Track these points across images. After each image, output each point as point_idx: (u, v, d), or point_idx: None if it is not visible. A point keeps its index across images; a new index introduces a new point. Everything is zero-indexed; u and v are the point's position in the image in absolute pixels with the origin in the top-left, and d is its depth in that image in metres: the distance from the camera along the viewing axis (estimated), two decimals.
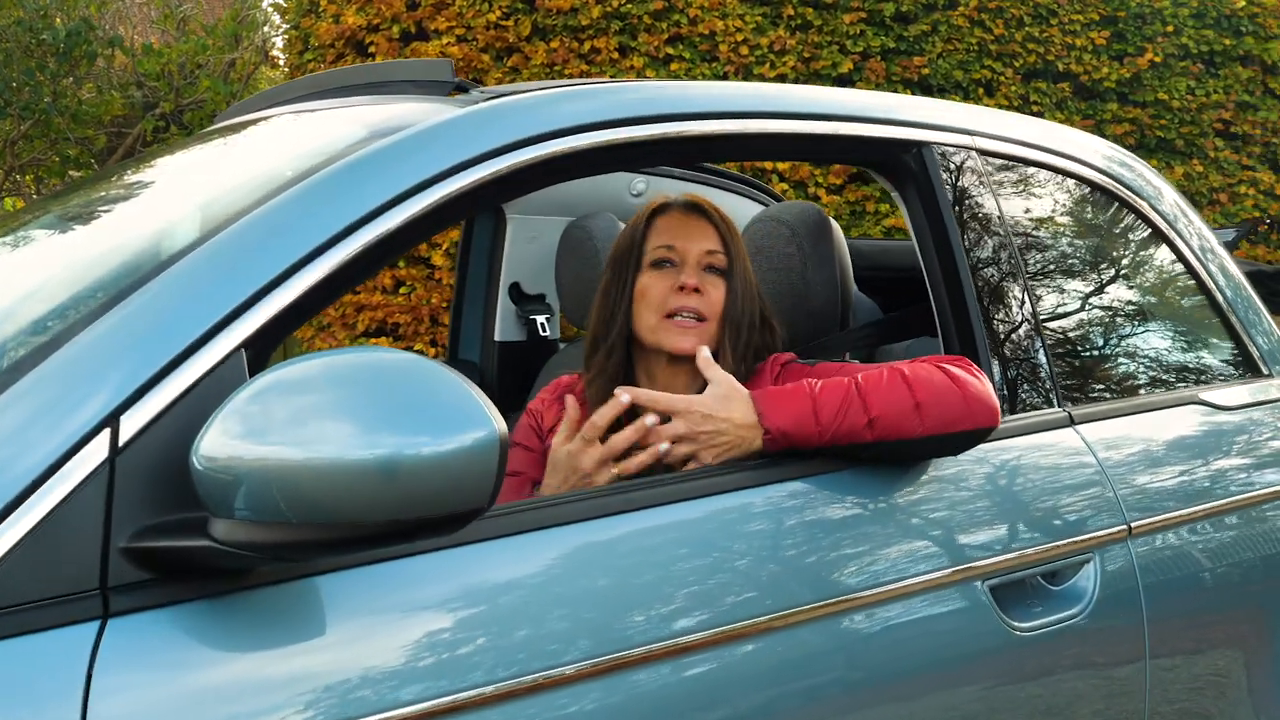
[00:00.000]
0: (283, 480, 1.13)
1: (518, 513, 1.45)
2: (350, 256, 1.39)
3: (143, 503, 1.21)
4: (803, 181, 6.61)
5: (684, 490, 1.58)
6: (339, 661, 1.26)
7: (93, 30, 8.04)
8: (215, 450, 1.16)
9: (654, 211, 2.02)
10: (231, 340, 1.29)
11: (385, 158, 1.47)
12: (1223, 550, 2.08)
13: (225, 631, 1.23)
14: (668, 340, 1.93)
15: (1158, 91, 7.41)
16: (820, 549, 1.62)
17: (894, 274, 3.07)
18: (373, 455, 1.13)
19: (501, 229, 2.89)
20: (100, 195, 2.03)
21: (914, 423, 1.68)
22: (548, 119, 1.61)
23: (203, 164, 1.96)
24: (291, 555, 1.18)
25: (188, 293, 1.31)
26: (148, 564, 1.20)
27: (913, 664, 1.67)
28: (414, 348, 6.24)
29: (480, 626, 1.34)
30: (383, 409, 1.16)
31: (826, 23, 6.78)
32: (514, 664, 1.34)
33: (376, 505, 1.14)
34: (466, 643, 1.33)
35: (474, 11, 6.31)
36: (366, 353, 1.22)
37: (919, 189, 1.98)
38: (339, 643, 1.27)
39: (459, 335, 2.98)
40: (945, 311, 1.97)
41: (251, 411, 1.17)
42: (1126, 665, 1.90)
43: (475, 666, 1.32)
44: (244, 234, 1.37)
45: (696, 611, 1.47)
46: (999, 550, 1.78)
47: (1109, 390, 2.19)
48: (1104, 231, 2.37)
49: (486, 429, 1.17)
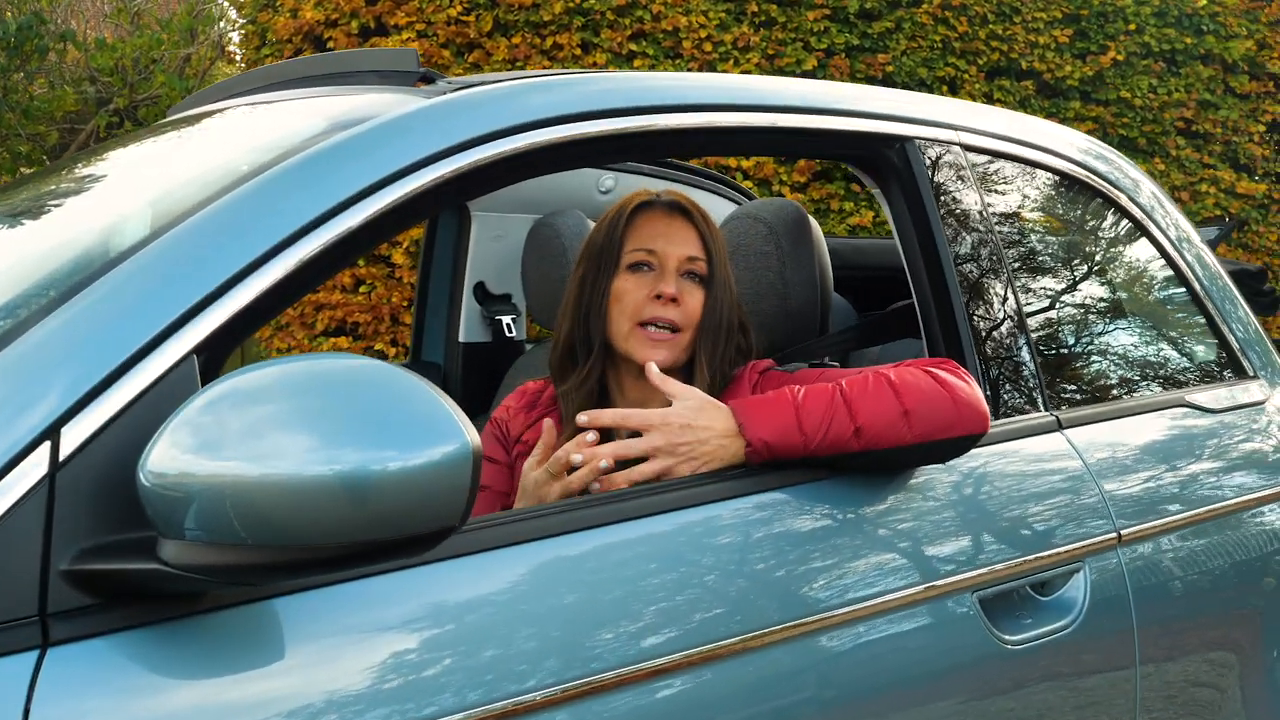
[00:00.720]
0: (238, 498, 1.05)
1: (482, 529, 1.38)
2: (310, 256, 1.30)
3: (85, 522, 1.12)
4: (767, 179, 6.55)
5: (652, 504, 1.51)
6: (299, 687, 1.18)
7: (44, 24, 7.87)
8: (164, 465, 1.07)
9: (635, 209, 1.91)
10: (182, 346, 1.20)
11: (347, 151, 1.38)
12: (1215, 556, 2.03)
13: (176, 659, 1.14)
14: (637, 350, 1.83)
15: (1120, 90, 7.41)
16: (801, 561, 1.55)
17: (868, 272, 3.02)
18: (335, 471, 1.05)
19: (466, 227, 2.80)
20: (48, 190, 1.93)
21: (902, 430, 1.60)
22: (519, 110, 1.53)
23: (156, 157, 1.86)
24: (247, 579, 1.10)
25: (136, 295, 1.22)
26: (91, 588, 1.11)
27: (902, 679, 1.61)
28: (374, 347, 6.14)
29: (447, 646, 1.28)
30: (346, 420, 1.08)
31: (791, 19, 6.73)
32: (481, 685, 1.27)
33: (339, 525, 1.06)
34: (433, 664, 1.26)
35: (434, 7, 6.22)
36: (329, 359, 1.13)
37: (902, 185, 1.91)
38: (298, 667, 1.19)
39: (422, 336, 2.90)
40: (929, 312, 1.90)
41: (204, 423, 1.08)
42: (1117, 676, 1.85)
43: (443, 688, 1.25)
44: (196, 232, 1.28)
45: (666, 629, 1.41)
46: (987, 561, 1.71)
47: (1096, 392, 2.14)
48: (1086, 227, 2.32)
49: (458, 442, 1.09)
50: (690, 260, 1.87)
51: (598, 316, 1.87)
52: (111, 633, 1.12)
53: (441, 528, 1.09)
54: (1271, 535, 2.15)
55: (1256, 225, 7.71)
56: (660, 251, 1.87)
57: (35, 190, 1.94)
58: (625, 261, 1.87)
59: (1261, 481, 2.17)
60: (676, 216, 1.90)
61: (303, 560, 1.07)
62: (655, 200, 1.92)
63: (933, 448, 1.64)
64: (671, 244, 1.87)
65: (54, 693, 1.07)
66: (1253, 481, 2.16)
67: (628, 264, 1.87)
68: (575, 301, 1.90)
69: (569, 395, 1.88)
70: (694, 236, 1.88)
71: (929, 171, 1.93)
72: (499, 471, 1.93)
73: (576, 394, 1.87)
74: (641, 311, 1.84)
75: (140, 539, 1.11)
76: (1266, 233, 7.73)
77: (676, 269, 1.86)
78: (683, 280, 1.86)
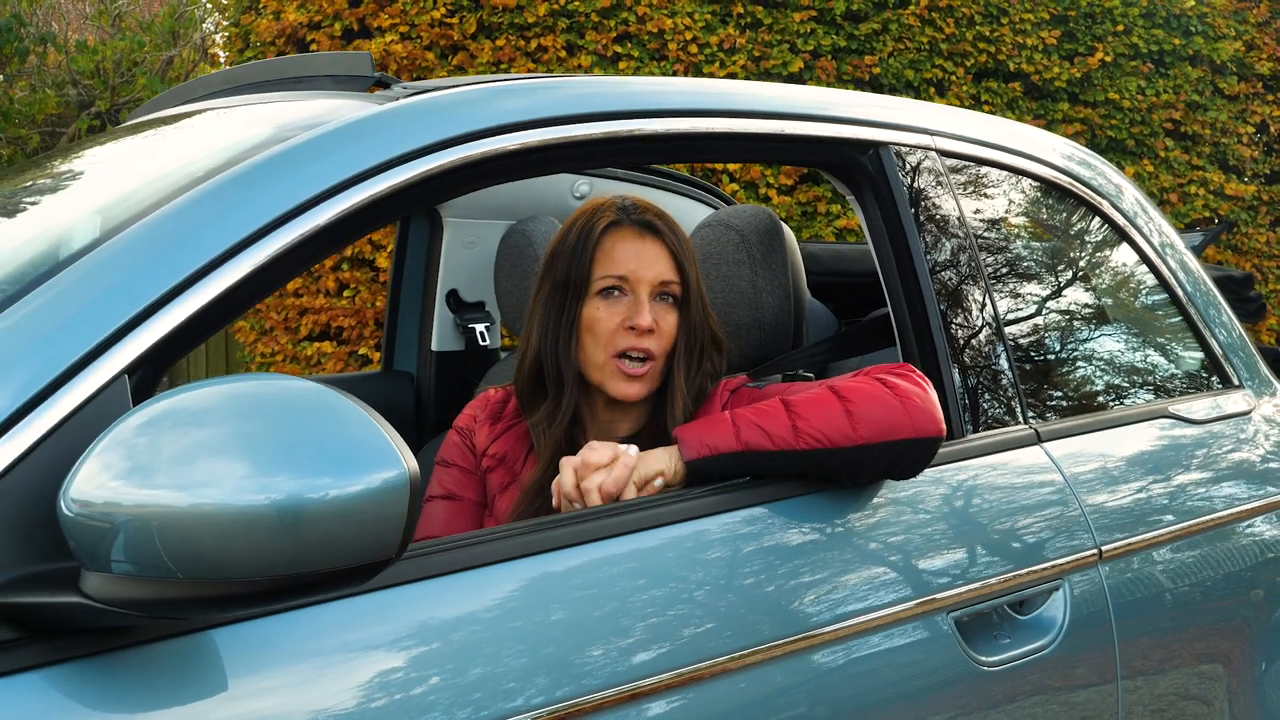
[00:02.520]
0: (166, 530, 1.00)
1: (469, 546, 1.36)
2: (249, 271, 1.25)
3: (7, 552, 1.06)
4: (754, 182, 6.51)
5: (640, 520, 1.49)
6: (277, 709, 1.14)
7: (24, 27, 7.79)
8: (89, 494, 1.02)
9: (604, 230, 1.81)
10: (113, 365, 1.15)
11: (289, 161, 1.33)
12: (1199, 570, 1.98)
13: (112, 693, 1.09)
14: (612, 386, 1.78)
15: (1108, 91, 7.38)
16: (778, 578, 1.52)
17: (849, 279, 2.96)
18: (268, 500, 1.00)
19: (438, 234, 2.75)
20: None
21: (846, 428, 1.57)
22: (477, 116, 1.48)
23: (101, 165, 1.81)
24: (176, 613, 1.05)
25: (63, 310, 1.17)
26: (14, 622, 1.06)
27: (888, 697, 1.58)
28: (359, 351, 6.10)
29: (434, 665, 1.25)
30: (283, 446, 1.03)
31: (777, 21, 6.69)
32: (469, 704, 1.25)
33: (272, 558, 1.01)
34: (420, 682, 1.24)
35: (418, 8, 6.17)
36: (270, 381, 1.08)
37: (876, 192, 1.86)
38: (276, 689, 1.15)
39: (394, 345, 2.85)
40: (904, 322, 1.86)
41: (138, 444, 1.03)
42: (1099, 693, 1.80)
43: (431, 707, 1.23)
44: (130, 245, 1.23)
45: (656, 645, 1.40)
46: (964, 580, 1.67)
47: (1076, 404, 2.09)
48: (1068, 233, 2.28)
49: (396, 469, 1.04)
50: (664, 284, 1.81)
51: (567, 347, 1.80)
52: (38, 667, 1.07)
53: (378, 559, 1.04)
54: (1257, 548, 2.10)
55: (1246, 227, 7.68)
56: (632, 276, 1.79)
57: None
58: (595, 288, 1.80)
59: (1246, 494, 2.12)
60: (648, 237, 1.81)
61: (233, 594, 1.02)
62: (624, 219, 1.83)
63: (887, 449, 1.58)
64: (644, 267, 1.79)
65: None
66: (1237, 493, 2.11)
67: (598, 289, 1.80)
68: (541, 325, 1.83)
69: (540, 427, 1.83)
70: (666, 256, 1.81)
71: (904, 178, 1.88)
72: (470, 481, 1.89)
73: (548, 428, 1.82)
74: (616, 343, 1.78)
75: (65, 570, 1.06)
76: (1256, 234, 7.71)
77: (650, 294, 1.80)
78: (656, 304, 1.80)
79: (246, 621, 1.17)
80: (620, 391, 1.78)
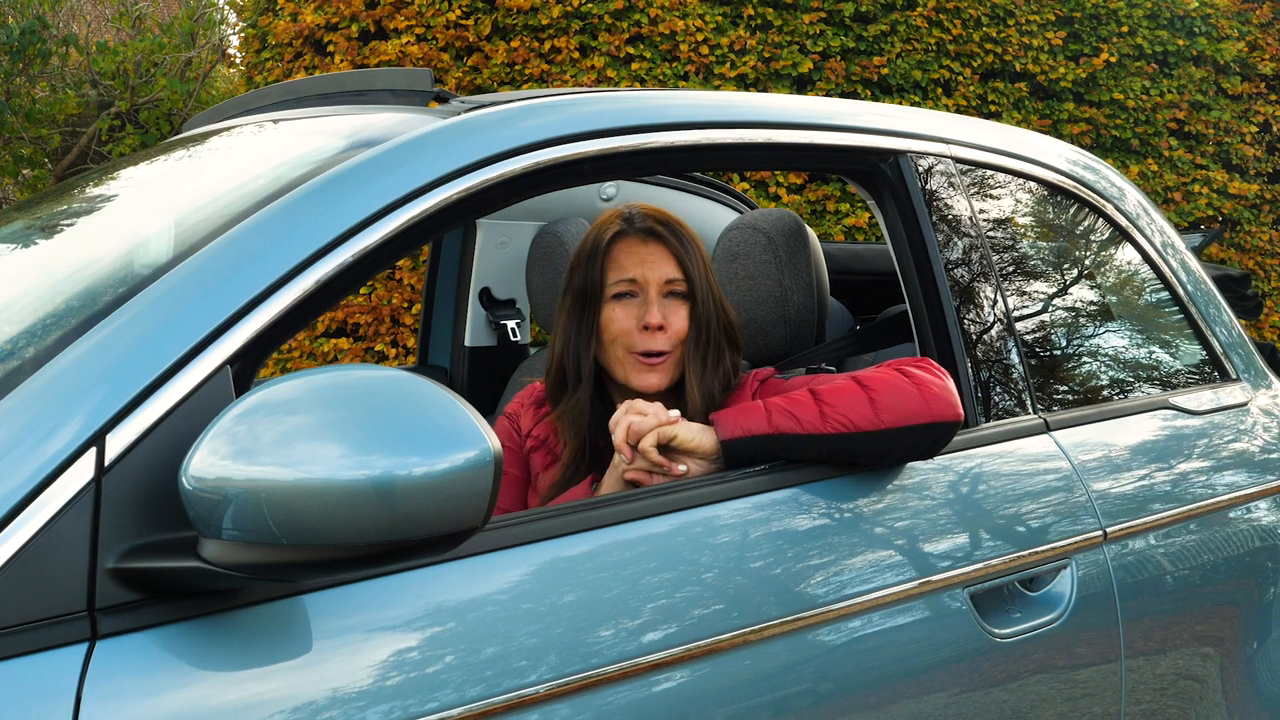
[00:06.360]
0: (273, 501, 1.12)
1: (485, 531, 1.42)
2: (334, 272, 1.37)
3: (130, 523, 1.19)
4: (764, 181, 6.62)
5: (652, 506, 1.57)
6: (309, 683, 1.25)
7: (47, 29, 7.92)
8: (204, 470, 1.14)
9: (610, 240, 1.99)
10: (217, 357, 1.28)
11: (368, 170, 1.46)
12: (1197, 552, 2.10)
13: (207, 653, 1.22)
14: (635, 379, 1.96)
15: (1113, 91, 7.48)
16: (799, 559, 1.62)
17: (864, 277, 3.09)
18: (365, 476, 1.13)
19: (471, 234, 2.88)
20: (69, 207, 2.00)
21: (869, 414, 1.69)
22: (532, 130, 1.60)
23: (176, 174, 1.93)
24: (282, 576, 1.17)
25: (172, 309, 1.29)
26: (135, 585, 1.19)
27: (896, 673, 1.67)
28: (375, 348, 6.20)
29: (449, 644, 1.33)
30: (374, 429, 1.15)
31: (786, 23, 6.79)
32: (482, 681, 1.33)
33: (370, 526, 1.13)
34: (435, 661, 1.32)
35: (434, 10, 6.27)
36: (350, 371, 1.20)
37: (896, 197, 1.98)
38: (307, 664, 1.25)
39: (429, 341, 2.97)
40: (922, 318, 1.98)
41: (239, 432, 1.15)
42: (1102, 668, 1.92)
43: (444, 685, 1.31)
44: (226, 249, 1.35)
45: (665, 625, 1.47)
46: (978, 557, 1.79)
47: (1082, 395, 2.21)
48: (1074, 235, 2.39)
49: (480, 448, 1.16)
50: (669, 282, 1.97)
51: (588, 347, 1.98)
52: (154, 626, 1.19)
53: (465, 528, 1.17)
54: (1251, 533, 2.22)
55: (1249, 225, 7.78)
56: (641, 278, 1.97)
57: (55, 207, 2.01)
58: (609, 293, 1.98)
59: (1242, 481, 2.24)
60: (650, 242, 1.99)
61: (334, 559, 1.14)
62: (628, 228, 2.00)
63: (906, 434, 1.71)
64: (650, 269, 1.97)
65: (102, 681, 1.14)
66: (1234, 481, 2.23)
67: (612, 294, 1.98)
68: (565, 332, 2.01)
69: (562, 418, 2.00)
70: (669, 257, 1.98)
71: (921, 183, 2.00)
72: (515, 459, 2.07)
73: (568, 416, 1.99)
74: (633, 343, 1.95)
75: (182, 539, 1.19)
76: (1259, 232, 7.81)
77: (658, 292, 1.97)
78: (666, 301, 1.97)
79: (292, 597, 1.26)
80: (641, 383, 1.95)
